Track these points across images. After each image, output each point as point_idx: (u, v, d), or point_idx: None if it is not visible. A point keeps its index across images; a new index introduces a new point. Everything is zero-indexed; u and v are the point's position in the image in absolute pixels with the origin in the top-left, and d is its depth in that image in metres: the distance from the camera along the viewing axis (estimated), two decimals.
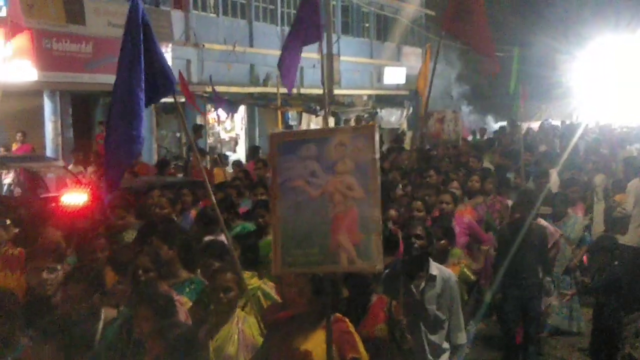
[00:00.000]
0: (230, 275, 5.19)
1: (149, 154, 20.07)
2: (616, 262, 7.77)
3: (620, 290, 7.56)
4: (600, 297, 7.78)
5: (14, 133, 16.49)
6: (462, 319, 6.08)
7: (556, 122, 27.93)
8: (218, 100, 16.07)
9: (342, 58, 28.39)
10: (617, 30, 33.28)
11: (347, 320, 4.82)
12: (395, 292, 5.73)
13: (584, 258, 9.48)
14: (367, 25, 34.60)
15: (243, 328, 5.13)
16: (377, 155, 4.25)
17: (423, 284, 5.90)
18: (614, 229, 10.11)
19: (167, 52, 20.32)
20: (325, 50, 9.56)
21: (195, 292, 5.92)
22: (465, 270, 6.98)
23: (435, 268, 5.98)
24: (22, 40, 15.65)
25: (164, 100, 15.57)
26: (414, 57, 36.45)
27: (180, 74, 14.24)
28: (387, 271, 5.89)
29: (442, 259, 6.60)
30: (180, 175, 14.47)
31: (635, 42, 30.68)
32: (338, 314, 4.80)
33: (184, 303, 5.53)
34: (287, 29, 27.86)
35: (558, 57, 36.23)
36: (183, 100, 21.26)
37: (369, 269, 4.33)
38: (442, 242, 6.81)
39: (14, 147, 16.10)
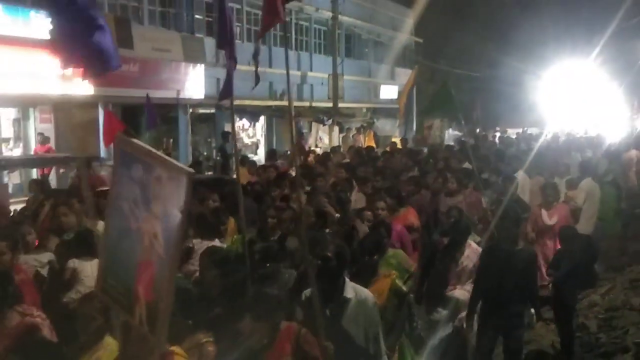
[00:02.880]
0: (97, 303, 3.88)
1: (185, 156, 20.10)
2: (575, 248, 7.51)
3: (578, 272, 7.40)
4: (562, 276, 7.59)
5: (73, 139, 16.47)
6: (382, 344, 4.68)
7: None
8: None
9: (345, 77, 28.39)
10: (574, 54, 33.23)
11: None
12: (311, 318, 4.35)
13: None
14: (366, 50, 34.55)
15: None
16: (187, 211, 2.79)
17: (337, 307, 4.59)
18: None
19: (200, 72, 20.38)
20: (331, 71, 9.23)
21: None
22: (397, 281, 5.48)
23: (351, 290, 4.60)
24: None
25: (201, 111, 15.53)
26: (405, 76, 36.14)
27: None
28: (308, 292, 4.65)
29: (372, 274, 5.44)
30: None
31: (588, 66, 30.62)
32: (173, 349, 3.58)
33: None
34: (300, 53, 27.88)
35: (525, 77, 36.16)
36: (213, 111, 21.39)
37: (152, 342, 2.97)
38: (375, 257, 5.56)
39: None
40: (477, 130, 26.14)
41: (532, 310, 6.26)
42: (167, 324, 2.86)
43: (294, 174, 10.49)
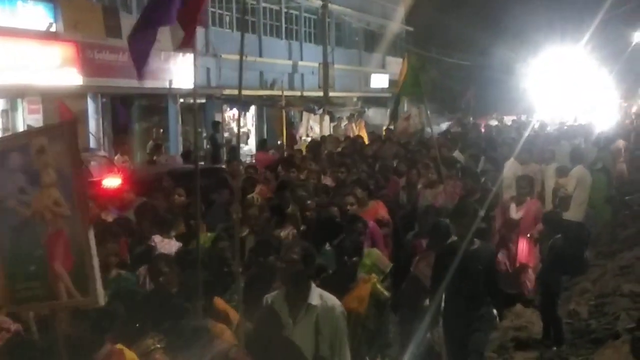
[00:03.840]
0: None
1: (175, 146, 20.03)
2: (559, 235, 7.36)
3: (564, 259, 7.34)
4: (546, 263, 7.55)
5: None
6: (347, 355, 4.26)
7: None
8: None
9: (336, 66, 28.31)
10: (564, 41, 33.31)
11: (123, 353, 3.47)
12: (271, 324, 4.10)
13: None
14: (357, 38, 34.45)
15: None
16: (78, 160, 3.04)
17: (301, 315, 4.16)
18: (559, 207, 10.02)
19: (190, 62, 20.25)
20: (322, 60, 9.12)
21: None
22: (378, 286, 5.09)
23: (317, 296, 4.17)
24: (68, 51, 15.59)
25: (190, 101, 15.34)
26: (396, 65, 36.13)
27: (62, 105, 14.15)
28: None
29: (351, 278, 5.06)
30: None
31: (578, 52, 30.70)
32: (121, 347, 3.49)
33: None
34: (290, 42, 27.79)
35: (516, 65, 36.20)
36: (204, 101, 21.29)
37: (87, 304, 3.06)
38: (354, 259, 5.17)
39: None
40: (471, 118, 26.12)
41: (495, 312, 5.78)
42: (99, 278, 2.92)
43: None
